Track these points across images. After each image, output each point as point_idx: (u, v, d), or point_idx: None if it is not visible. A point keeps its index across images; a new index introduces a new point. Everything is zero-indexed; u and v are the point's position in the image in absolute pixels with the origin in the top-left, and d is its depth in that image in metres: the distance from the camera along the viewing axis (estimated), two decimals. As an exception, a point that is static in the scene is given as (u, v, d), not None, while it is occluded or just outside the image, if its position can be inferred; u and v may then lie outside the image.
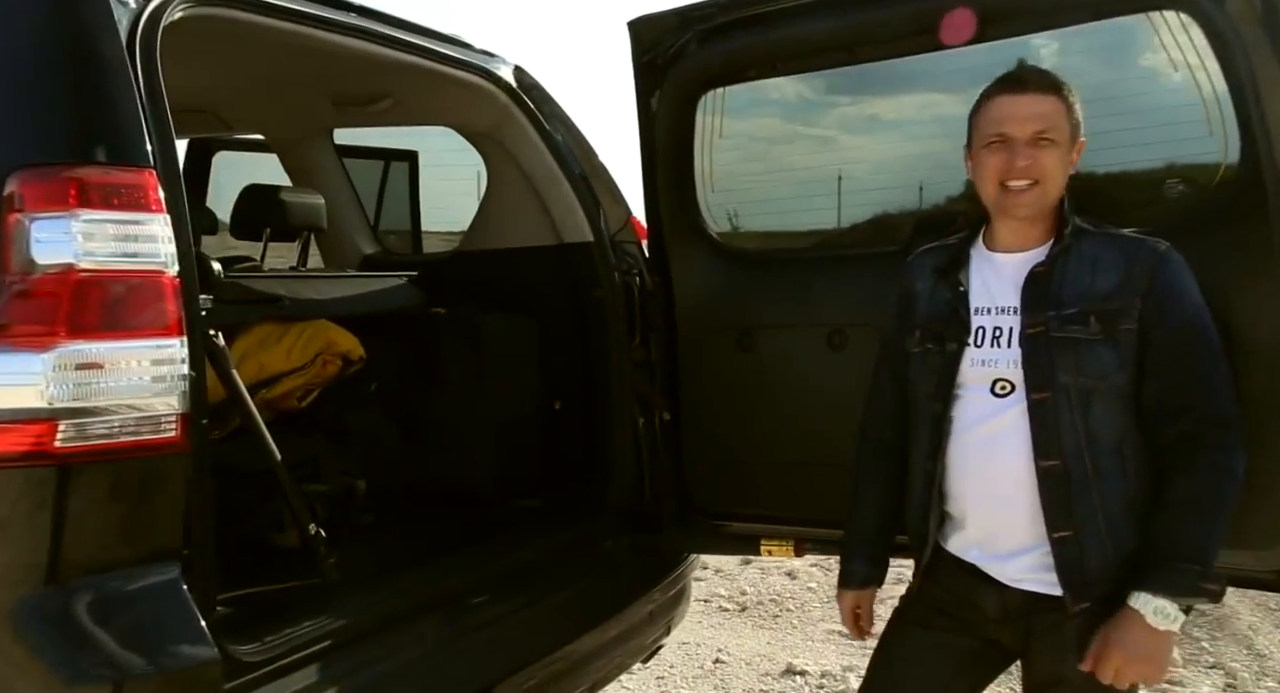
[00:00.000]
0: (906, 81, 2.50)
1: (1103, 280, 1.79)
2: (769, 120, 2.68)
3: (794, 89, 2.55)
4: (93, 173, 1.45)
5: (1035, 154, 1.78)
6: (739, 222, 2.72)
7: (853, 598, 2.09)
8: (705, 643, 4.53)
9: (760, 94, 2.60)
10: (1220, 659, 4.03)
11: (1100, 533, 1.77)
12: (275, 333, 2.52)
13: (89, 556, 1.42)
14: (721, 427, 2.67)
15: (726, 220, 2.71)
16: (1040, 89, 1.79)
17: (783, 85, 2.55)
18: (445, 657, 2.01)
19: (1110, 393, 1.77)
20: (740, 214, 2.72)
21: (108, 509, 1.43)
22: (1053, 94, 1.79)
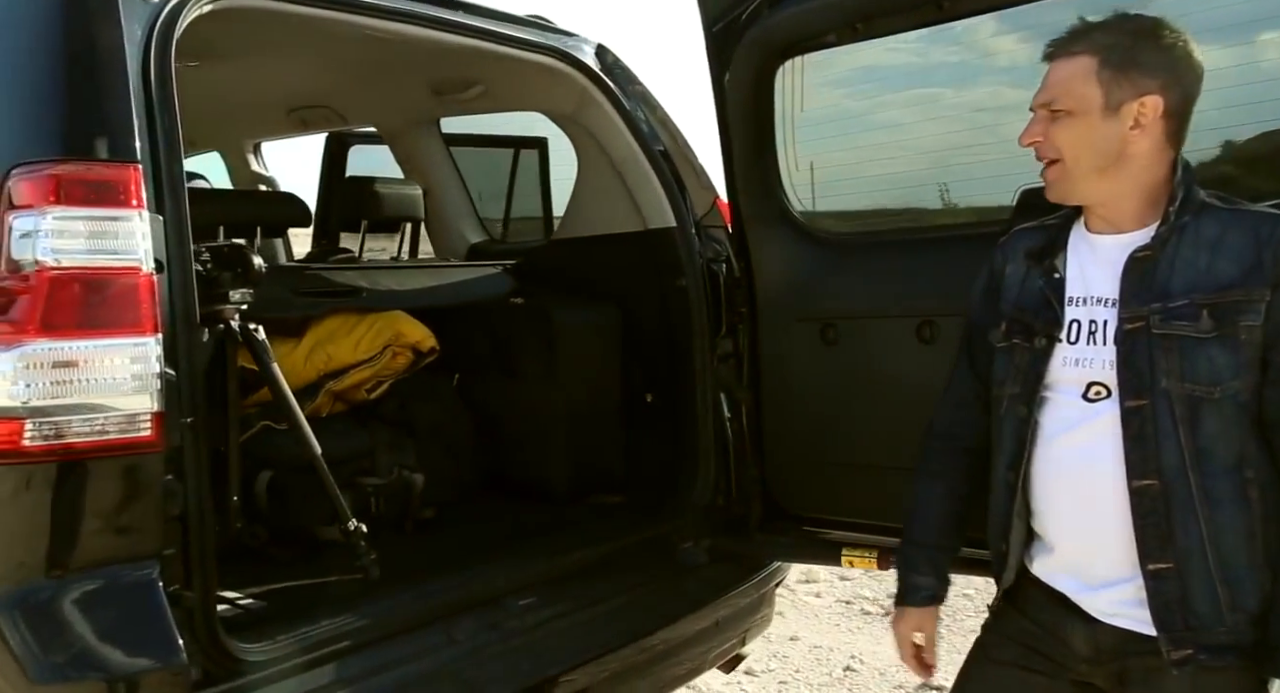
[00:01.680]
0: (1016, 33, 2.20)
1: (1223, 266, 1.48)
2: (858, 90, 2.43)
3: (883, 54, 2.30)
4: (72, 169, 1.45)
5: (1046, 128, 1.55)
6: (825, 202, 2.50)
7: (915, 619, 1.83)
8: (839, 648, 4.31)
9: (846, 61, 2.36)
10: None
11: (1210, 570, 1.47)
12: (347, 325, 2.53)
13: (64, 556, 1.43)
14: (803, 426, 2.48)
15: (811, 201, 2.49)
16: (1064, 52, 1.55)
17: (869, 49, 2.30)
18: (474, 661, 1.94)
19: (1227, 403, 1.47)
20: (826, 194, 2.50)
21: (81, 510, 1.44)
22: (1081, 53, 1.52)
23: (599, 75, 2.67)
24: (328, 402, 2.49)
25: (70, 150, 1.48)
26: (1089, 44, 1.53)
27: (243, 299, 1.99)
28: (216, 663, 1.63)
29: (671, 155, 2.72)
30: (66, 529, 1.42)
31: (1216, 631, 1.48)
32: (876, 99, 2.43)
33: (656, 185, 2.69)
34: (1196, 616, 1.48)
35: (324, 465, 2.03)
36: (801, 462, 2.50)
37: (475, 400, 2.84)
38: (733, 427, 2.63)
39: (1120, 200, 1.57)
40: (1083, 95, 1.52)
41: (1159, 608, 1.50)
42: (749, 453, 2.60)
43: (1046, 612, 1.67)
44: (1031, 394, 1.63)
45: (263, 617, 1.85)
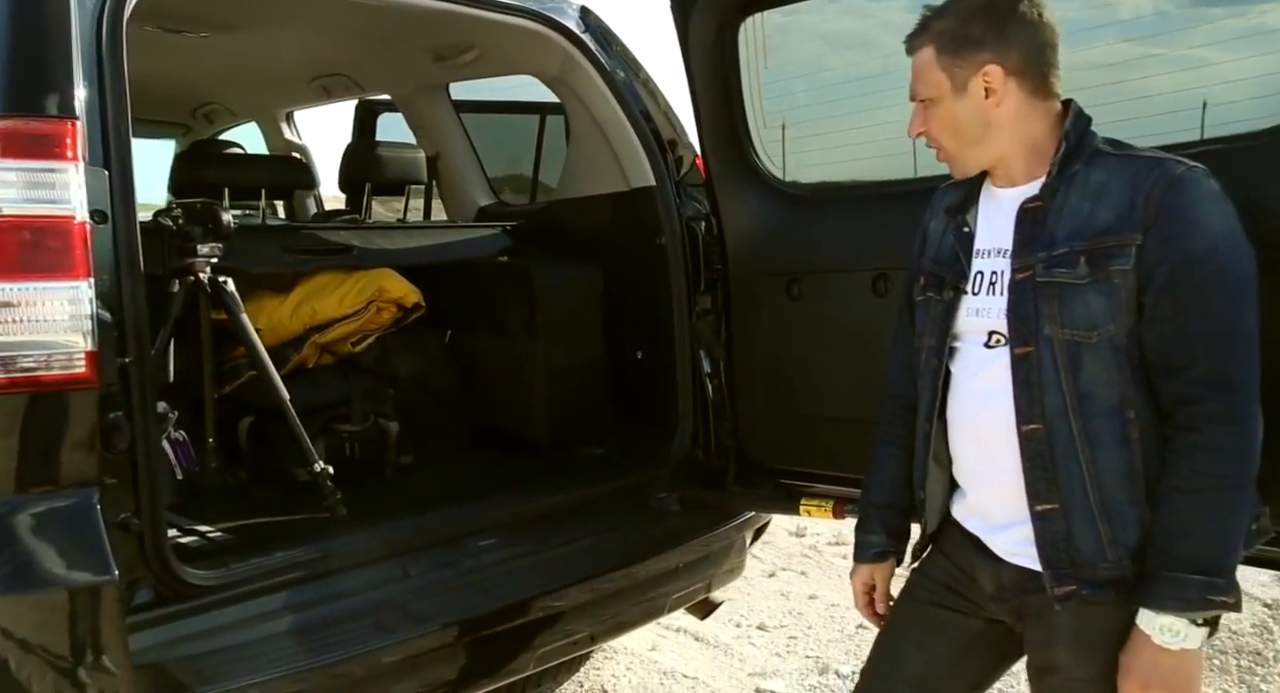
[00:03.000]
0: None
1: (1103, 213, 1.49)
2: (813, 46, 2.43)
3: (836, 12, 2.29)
4: (12, 124, 1.57)
5: (922, 119, 1.63)
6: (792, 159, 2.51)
7: (865, 573, 1.89)
8: (856, 607, 4.33)
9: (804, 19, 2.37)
10: None
11: (1091, 510, 1.50)
12: (335, 281, 2.65)
13: (6, 478, 1.56)
14: (771, 380, 2.52)
15: (779, 158, 2.51)
16: (913, 47, 1.61)
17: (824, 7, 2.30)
18: (424, 595, 2.05)
19: (1104, 347, 1.48)
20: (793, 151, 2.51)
21: (22, 438, 1.57)
22: (925, 45, 1.58)
23: (580, 38, 2.72)
24: (314, 353, 2.62)
25: (12, 106, 1.60)
26: (928, 34, 1.58)
27: (211, 253, 2.12)
28: (168, 587, 1.77)
29: (652, 115, 2.76)
30: (10, 455, 1.56)
31: (1099, 566, 1.51)
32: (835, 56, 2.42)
33: (637, 145, 2.73)
34: (1080, 553, 1.51)
35: (291, 410, 2.16)
36: (770, 415, 2.53)
37: (465, 355, 2.95)
38: (712, 382, 2.68)
39: (1009, 161, 1.60)
40: (934, 83, 1.58)
41: (1045, 547, 1.54)
42: (727, 408, 2.65)
43: (962, 553, 1.73)
44: (943, 345, 1.67)
45: (223, 548, 1.99)
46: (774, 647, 3.94)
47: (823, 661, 3.77)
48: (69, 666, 1.52)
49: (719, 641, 3.94)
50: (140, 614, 1.71)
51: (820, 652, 3.87)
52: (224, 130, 4.64)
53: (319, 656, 1.80)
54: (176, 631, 1.77)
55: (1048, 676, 1.61)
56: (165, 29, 2.93)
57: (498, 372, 2.87)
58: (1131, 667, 1.47)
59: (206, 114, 4.50)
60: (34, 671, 1.52)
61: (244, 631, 1.84)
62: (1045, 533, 1.53)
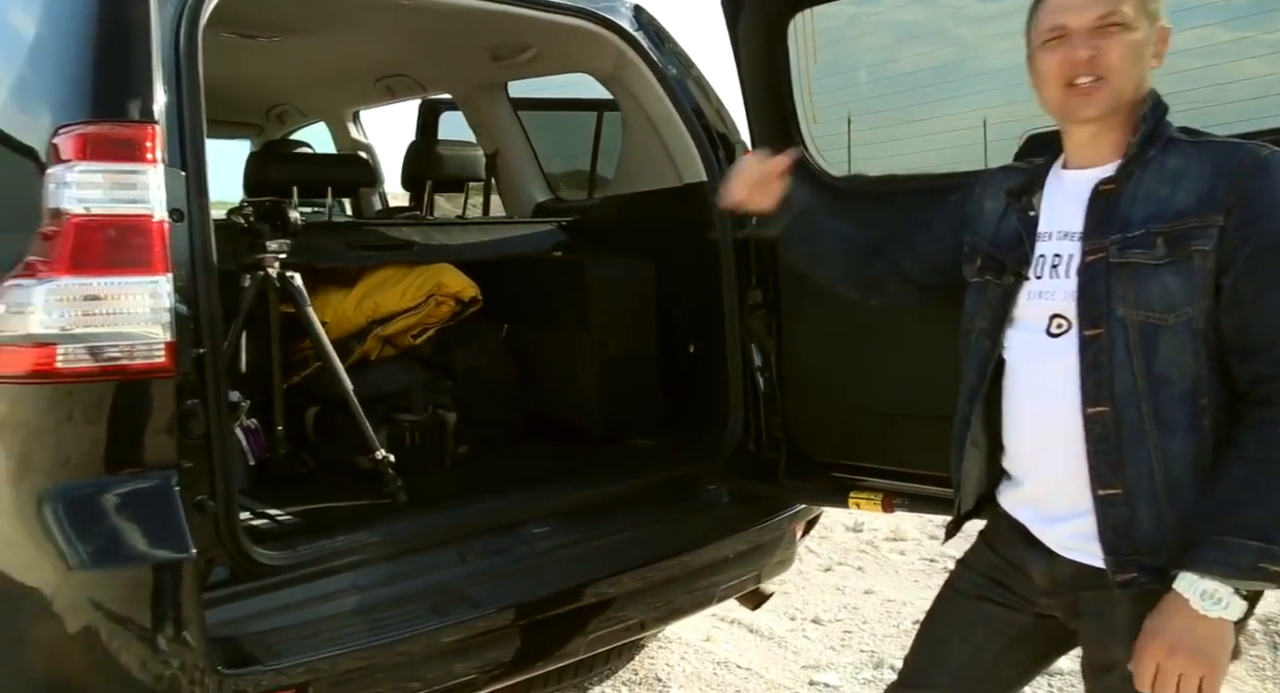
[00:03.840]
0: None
1: (1182, 196, 1.48)
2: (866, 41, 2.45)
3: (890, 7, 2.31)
4: (99, 129, 1.68)
5: (1099, 43, 1.51)
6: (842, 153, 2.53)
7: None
8: (913, 603, 4.32)
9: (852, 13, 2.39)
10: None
11: (1157, 495, 1.49)
12: (396, 276, 2.75)
13: (95, 461, 1.67)
14: (820, 373, 2.54)
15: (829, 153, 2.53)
16: None
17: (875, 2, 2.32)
18: (478, 579, 2.12)
19: (1181, 329, 1.47)
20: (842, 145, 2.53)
21: (107, 423, 1.67)
22: None
23: (634, 36, 2.77)
24: (377, 346, 2.72)
25: (98, 112, 1.70)
26: None
27: (280, 249, 2.22)
28: (240, 565, 1.87)
29: (704, 111, 2.80)
30: (97, 439, 1.67)
31: (1159, 554, 1.49)
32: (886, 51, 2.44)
33: (689, 141, 2.78)
34: (1143, 539, 1.50)
35: (354, 400, 2.25)
36: (821, 408, 2.56)
37: (521, 348, 3.02)
38: (762, 375, 2.71)
39: (1115, 127, 1.57)
40: (1133, 9, 1.51)
41: (1107, 532, 1.52)
42: (778, 401, 2.68)
43: (1011, 546, 1.71)
44: (998, 329, 1.67)
45: (292, 531, 2.09)
46: (828, 641, 3.96)
47: (878, 655, 3.77)
48: (149, 636, 1.63)
49: (773, 633, 3.97)
50: (214, 591, 1.81)
51: (875, 647, 3.88)
52: (294, 130, 4.79)
53: (380, 635, 1.88)
54: (246, 608, 1.87)
55: (1105, 673, 1.59)
56: (240, 34, 3.05)
57: (552, 364, 2.95)
58: (1161, 630, 1.44)
59: (279, 115, 4.66)
60: (118, 640, 1.63)
61: (308, 609, 1.93)
62: (1108, 518, 1.52)
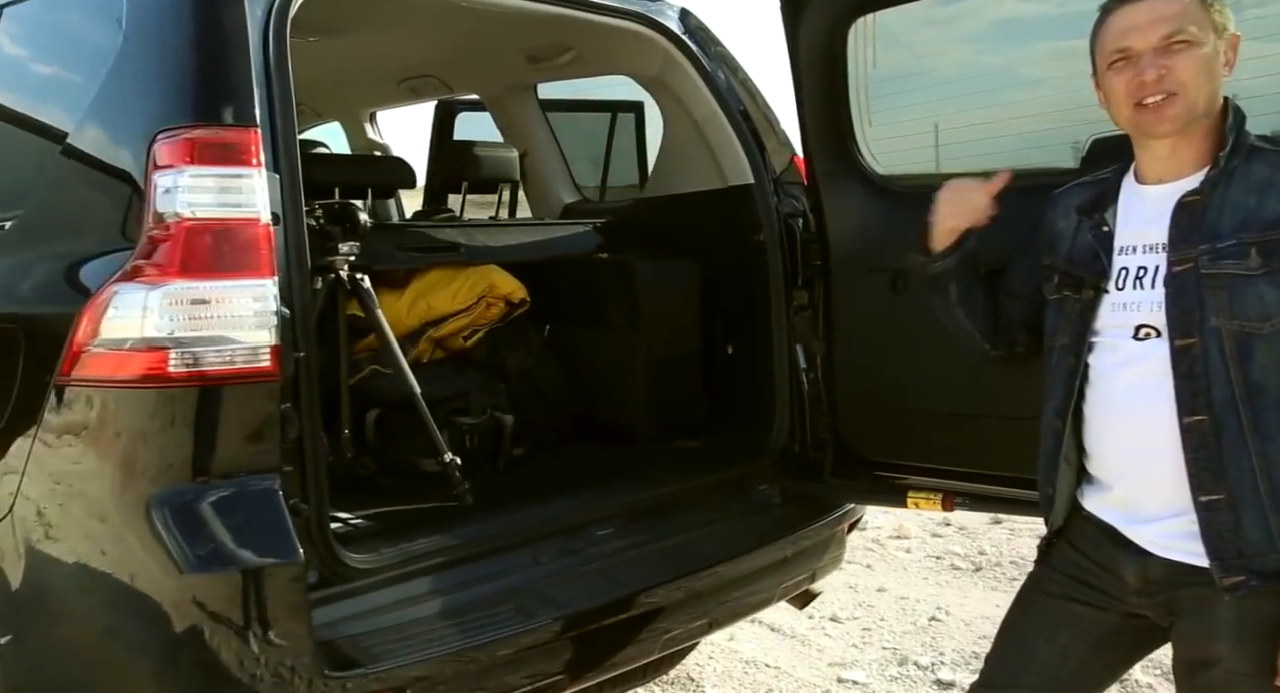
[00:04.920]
0: None
1: (1272, 205, 1.53)
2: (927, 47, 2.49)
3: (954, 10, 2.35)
4: (204, 133, 1.68)
5: (1168, 62, 1.55)
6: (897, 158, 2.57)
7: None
8: (926, 599, 4.39)
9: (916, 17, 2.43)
10: None
11: (1261, 500, 1.53)
12: (446, 278, 2.75)
13: (201, 465, 1.66)
14: (876, 373, 2.58)
15: (884, 157, 2.57)
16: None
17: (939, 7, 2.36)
18: (554, 580, 2.13)
19: (1276, 339, 1.52)
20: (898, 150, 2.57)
21: (215, 426, 1.67)
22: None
23: (681, 39, 2.79)
24: (428, 348, 2.72)
25: (201, 117, 1.70)
26: None
27: (350, 252, 2.22)
28: (331, 569, 1.87)
29: (751, 115, 2.83)
30: (204, 444, 1.66)
31: (1269, 557, 1.53)
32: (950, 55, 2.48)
33: (736, 144, 2.80)
34: (1249, 543, 1.54)
35: (423, 404, 2.25)
36: (872, 408, 2.60)
37: (565, 349, 3.04)
38: (808, 376, 2.75)
39: (1193, 140, 1.61)
40: (1201, 24, 1.56)
41: (1212, 537, 1.56)
42: (823, 401, 2.72)
43: (1098, 547, 1.74)
44: (1080, 343, 1.71)
45: (370, 533, 2.09)
46: (849, 638, 4.01)
47: (900, 652, 3.83)
48: (261, 640, 1.63)
49: (795, 631, 4.02)
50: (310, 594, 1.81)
51: (896, 643, 3.94)
52: (305, 130, 4.75)
53: (472, 637, 1.89)
54: (338, 611, 1.87)
55: (1205, 670, 1.62)
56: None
57: (598, 365, 2.96)
58: None
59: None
60: (229, 644, 1.63)
61: (397, 612, 1.93)
62: (1211, 524, 1.55)
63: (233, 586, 1.64)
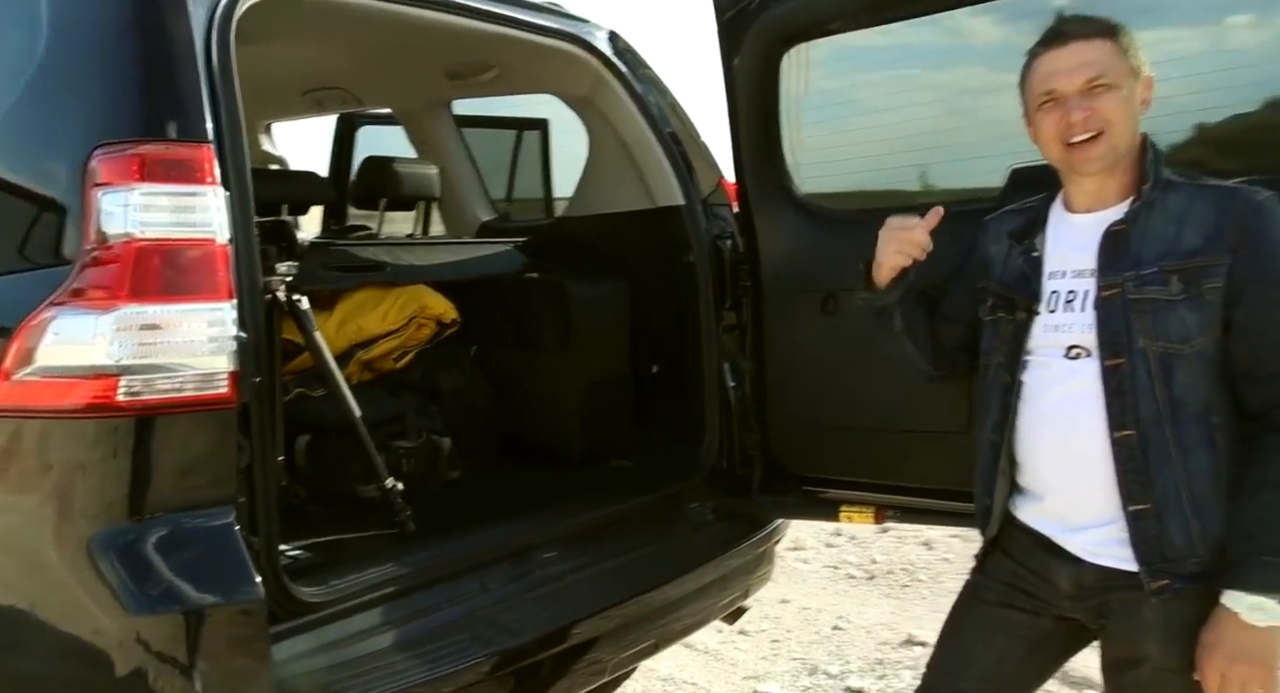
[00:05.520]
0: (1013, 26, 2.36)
1: (1189, 236, 1.66)
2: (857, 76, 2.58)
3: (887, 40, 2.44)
4: (154, 149, 1.58)
5: (1092, 103, 1.67)
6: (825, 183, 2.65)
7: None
8: (827, 609, 4.52)
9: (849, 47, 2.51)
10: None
11: (1184, 509, 1.65)
12: (375, 298, 2.67)
13: (153, 499, 1.56)
14: (804, 391, 2.64)
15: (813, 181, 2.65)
16: (1083, 36, 1.69)
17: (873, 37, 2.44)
18: (506, 606, 2.10)
19: (1195, 358, 1.65)
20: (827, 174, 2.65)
21: (167, 458, 1.57)
22: (1099, 38, 1.68)
23: (612, 60, 2.80)
24: (357, 370, 2.63)
25: (150, 131, 1.61)
26: (1100, 28, 1.70)
27: (288, 272, 2.13)
28: (280, 604, 1.78)
29: (680, 137, 2.86)
30: (154, 477, 1.56)
31: (1189, 561, 1.65)
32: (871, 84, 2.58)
33: (666, 166, 2.83)
34: (1173, 549, 1.65)
35: (364, 429, 2.18)
36: (803, 425, 2.66)
37: (494, 370, 2.99)
38: (736, 394, 2.79)
39: (1117, 173, 1.73)
40: (1117, 70, 1.67)
41: (1140, 545, 1.67)
42: (751, 419, 2.76)
43: (1033, 555, 1.84)
44: (1015, 362, 1.81)
45: (314, 565, 2.00)
46: (759, 651, 4.08)
47: (810, 662, 3.93)
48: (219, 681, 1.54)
49: (707, 647, 4.06)
50: (264, 631, 1.72)
51: (805, 654, 4.03)
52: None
53: (434, 668, 1.84)
54: (293, 648, 1.79)
55: (1134, 668, 1.73)
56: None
57: (530, 385, 2.93)
58: (1218, 643, 1.61)
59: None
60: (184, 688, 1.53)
61: (353, 647, 1.86)
62: (1139, 532, 1.67)
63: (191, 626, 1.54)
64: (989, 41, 2.41)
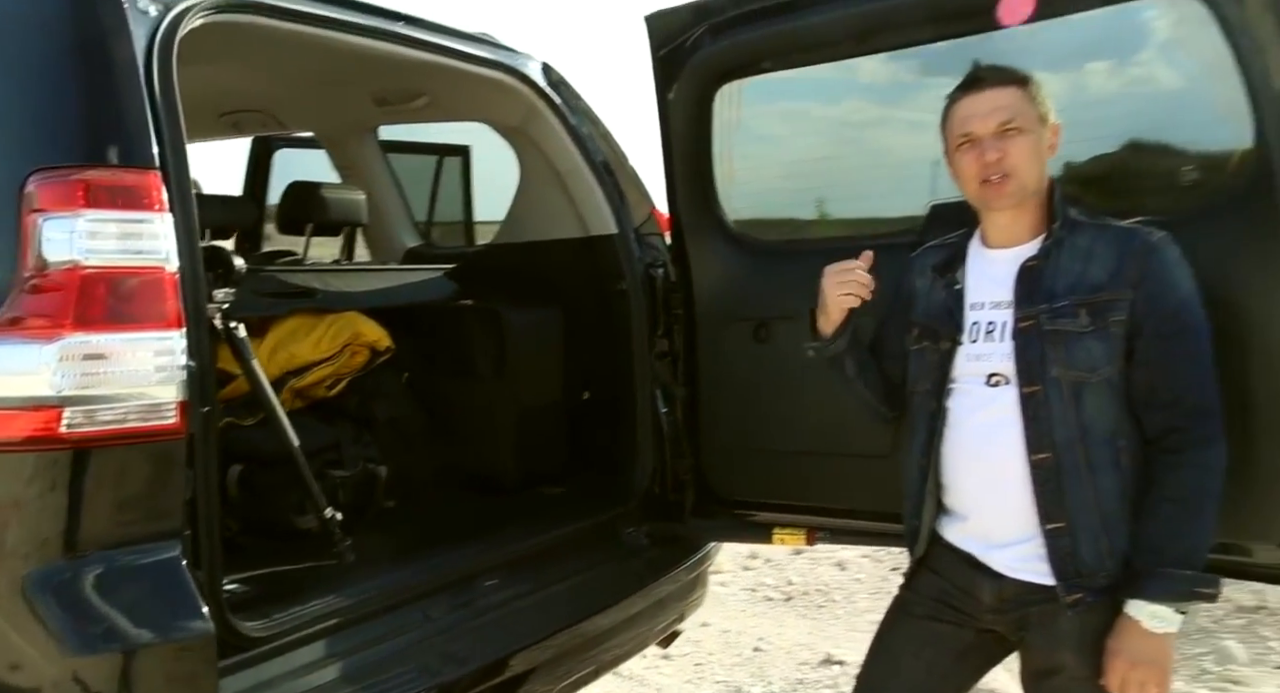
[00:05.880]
0: (924, 69, 2.49)
1: (1094, 272, 1.78)
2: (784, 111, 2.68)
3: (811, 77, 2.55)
4: (100, 175, 1.55)
5: (1003, 145, 1.80)
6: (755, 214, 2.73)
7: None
8: (747, 631, 4.58)
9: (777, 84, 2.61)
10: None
11: (1094, 526, 1.76)
12: (306, 325, 2.63)
13: (95, 534, 1.52)
14: (737, 417, 2.70)
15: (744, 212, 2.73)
16: (997, 83, 1.82)
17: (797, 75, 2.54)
18: (451, 636, 2.09)
19: (1102, 386, 1.77)
20: (756, 206, 2.73)
21: (111, 491, 1.53)
22: (1011, 86, 1.81)
23: (546, 91, 2.83)
24: (289, 398, 2.58)
25: (94, 157, 1.57)
26: (1012, 77, 1.83)
27: (225, 299, 2.09)
28: (223, 639, 1.73)
29: (613, 167, 2.91)
30: (96, 510, 1.52)
31: (1100, 576, 1.77)
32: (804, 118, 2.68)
33: (599, 195, 2.87)
34: (1085, 564, 1.77)
35: (303, 459, 2.15)
36: (737, 450, 2.72)
37: (424, 397, 2.97)
38: (668, 420, 2.84)
39: (1028, 212, 1.86)
40: (1027, 116, 1.81)
41: (1056, 560, 1.78)
42: (684, 444, 2.81)
43: (958, 572, 1.94)
44: (940, 389, 1.91)
45: (253, 598, 1.95)
46: (684, 674, 4.12)
47: (733, 684, 3.98)
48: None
49: (632, 673, 4.07)
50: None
51: (727, 676, 4.08)
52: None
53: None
54: (237, 684, 1.74)
55: (1051, 677, 1.84)
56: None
57: (463, 412, 2.92)
58: (1121, 649, 1.72)
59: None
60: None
61: (298, 681, 1.83)
62: (1055, 549, 1.78)
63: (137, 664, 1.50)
64: (883, 80, 2.56)
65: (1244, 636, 4.09)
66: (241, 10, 2.07)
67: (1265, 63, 1.83)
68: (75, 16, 1.69)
